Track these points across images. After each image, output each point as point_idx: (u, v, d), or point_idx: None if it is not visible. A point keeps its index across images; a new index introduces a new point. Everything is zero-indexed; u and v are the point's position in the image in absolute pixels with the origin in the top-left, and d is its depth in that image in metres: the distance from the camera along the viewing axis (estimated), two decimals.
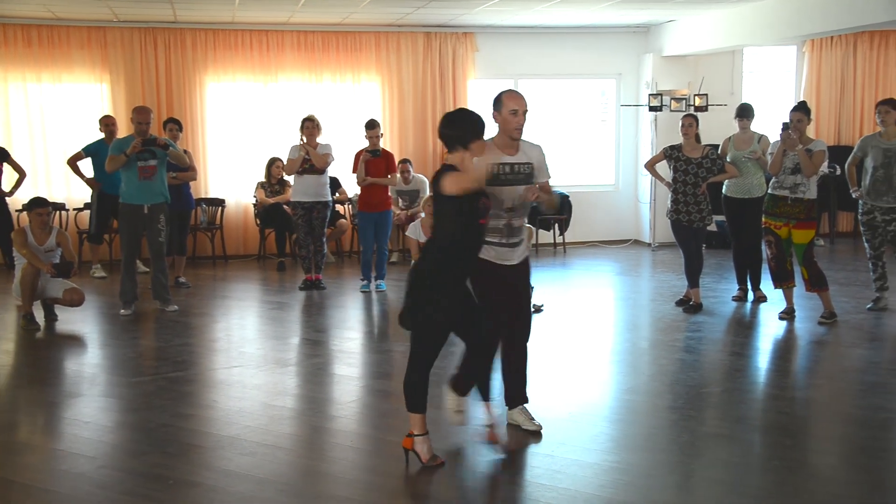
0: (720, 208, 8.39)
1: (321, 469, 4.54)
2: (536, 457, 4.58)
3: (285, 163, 9.22)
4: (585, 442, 4.78)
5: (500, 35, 11.85)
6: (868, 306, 7.84)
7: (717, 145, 8.44)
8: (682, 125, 7.88)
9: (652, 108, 11.45)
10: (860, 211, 7.77)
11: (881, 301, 7.79)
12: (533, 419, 4.90)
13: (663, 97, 11.41)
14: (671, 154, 7.94)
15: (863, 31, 12.01)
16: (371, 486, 4.28)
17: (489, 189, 4.34)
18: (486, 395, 4.67)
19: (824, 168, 7.77)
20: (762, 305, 8.10)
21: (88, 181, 9.94)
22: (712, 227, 9.28)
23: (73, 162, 9.90)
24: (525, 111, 4.60)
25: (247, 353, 6.83)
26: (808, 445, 4.90)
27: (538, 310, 8.05)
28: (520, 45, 11.94)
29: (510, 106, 4.57)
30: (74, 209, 10.88)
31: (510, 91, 4.68)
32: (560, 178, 11.23)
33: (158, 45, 11.04)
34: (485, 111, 4.57)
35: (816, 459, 4.67)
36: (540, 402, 5.20)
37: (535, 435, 4.82)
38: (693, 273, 7.97)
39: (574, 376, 6.09)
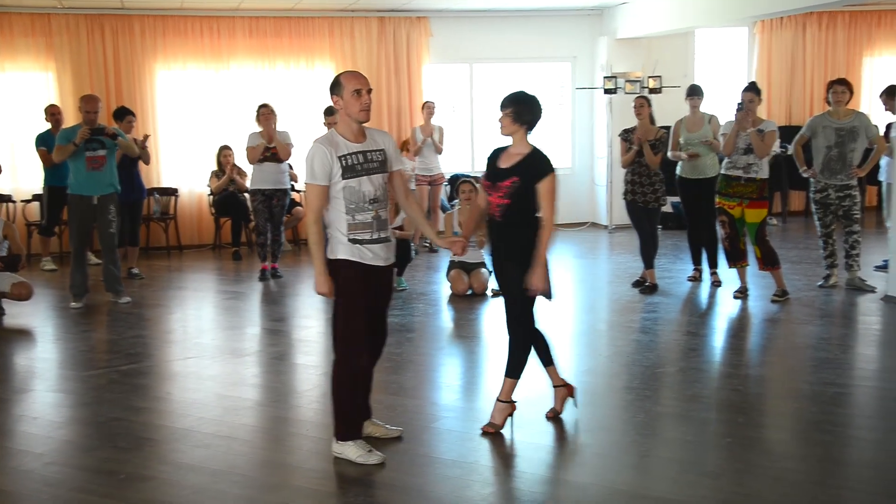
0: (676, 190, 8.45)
1: (277, 459, 4.50)
2: (493, 440, 4.58)
3: (245, 150, 8.98)
4: (542, 424, 4.79)
5: (454, 19, 11.79)
6: (819, 283, 7.97)
7: (671, 127, 8.49)
8: (634, 106, 7.94)
9: (607, 91, 11.49)
10: (813, 189, 7.87)
11: (831, 278, 7.92)
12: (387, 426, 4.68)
13: (618, 80, 11.45)
14: (626, 137, 7.99)
15: (811, 12, 12.16)
16: (327, 474, 4.25)
17: (346, 183, 4.15)
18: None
19: (776, 147, 7.85)
20: (716, 284, 8.17)
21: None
22: (667, 208, 9.34)
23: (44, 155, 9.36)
24: (369, 90, 4.21)
25: (202, 343, 6.75)
26: (760, 422, 4.96)
27: (497, 294, 8.06)
28: (474, 29, 11.89)
29: (352, 86, 4.15)
30: (22, 201, 10.64)
31: (348, 71, 4.28)
32: None
33: (106, 32, 10.80)
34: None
35: (769, 435, 4.74)
36: (498, 384, 5.19)
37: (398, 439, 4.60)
38: (648, 254, 8.04)
39: (532, 359, 6.09)
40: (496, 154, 4.70)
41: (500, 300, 4.91)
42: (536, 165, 4.53)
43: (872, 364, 6.12)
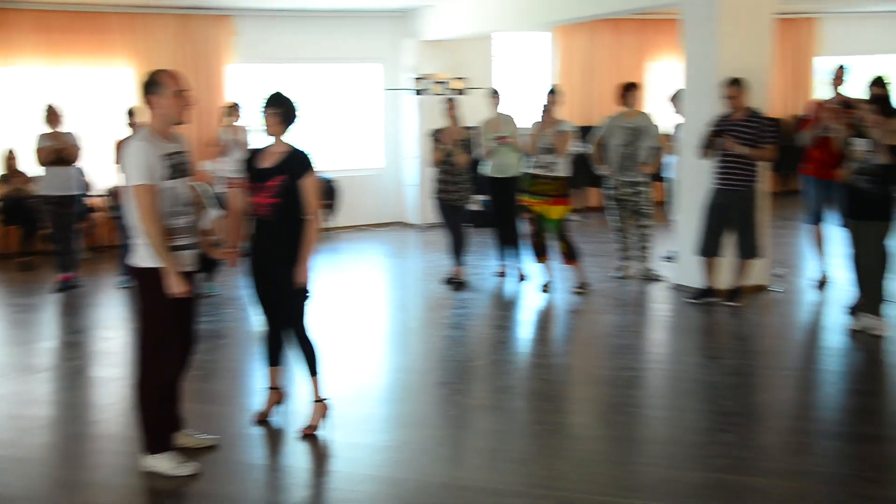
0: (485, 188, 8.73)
1: (79, 478, 4.26)
2: (309, 441, 4.56)
3: (34, 153, 8.40)
4: (358, 423, 4.82)
5: (260, 18, 11.56)
6: (614, 275, 8.49)
7: (477, 127, 8.75)
8: (445, 108, 8.15)
9: (418, 92, 11.68)
10: (608, 186, 8.37)
11: (625, 269, 8.46)
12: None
13: (425, 81, 11.67)
14: (435, 136, 8.17)
15: (600, 20, 12.89)
16: (137, 490, 4.08)
17: (167, 184, 4.05)
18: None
19: (577, 146, 8.28)
20: (522, 279, 8.51)
21: None
22: (476, 206, 9.62)
23: None
24: (187, 91, 4.19)
25: None
26: (565, 408, 5.24)
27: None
28: (281, 29, 11.71)
29: (175, 87, 4.09)
30: None
31: (166, 71, 4.15)
32: (329, 163, 11.21)
33: None
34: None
35: (573, 420, 5.02)
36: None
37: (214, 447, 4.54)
38: (457, 251, 8.25)
39: (347, 359, 6.11)
40: (253, 155, 4.69)
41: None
42: (301, 162, 4.58)
43: (663, 348, 6.61)
